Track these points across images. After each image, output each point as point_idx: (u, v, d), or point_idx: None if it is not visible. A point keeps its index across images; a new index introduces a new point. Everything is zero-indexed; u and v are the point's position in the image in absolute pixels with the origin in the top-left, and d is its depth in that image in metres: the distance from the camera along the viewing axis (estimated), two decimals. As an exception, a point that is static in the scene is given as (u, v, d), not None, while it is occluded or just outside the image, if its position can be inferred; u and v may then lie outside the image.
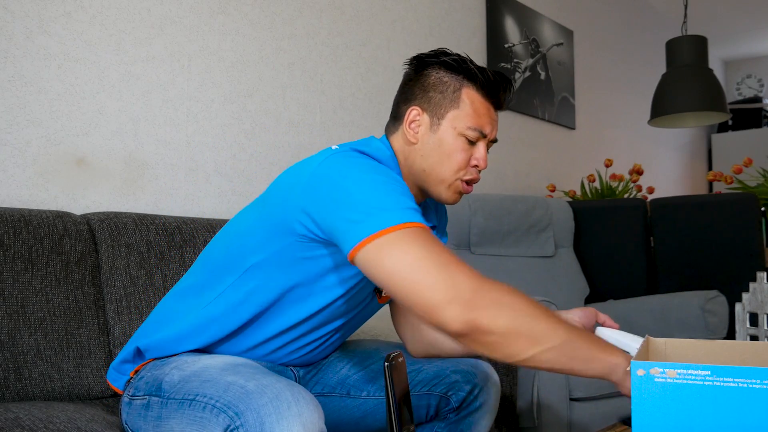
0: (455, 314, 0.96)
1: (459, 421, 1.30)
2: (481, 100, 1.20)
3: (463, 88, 1.20)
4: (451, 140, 1.19)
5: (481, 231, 2.62)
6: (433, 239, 1.01)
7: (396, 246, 0.99)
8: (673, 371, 0.83)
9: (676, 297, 2.61)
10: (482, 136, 1.20)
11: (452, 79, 1.20)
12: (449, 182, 1.21)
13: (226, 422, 0.95)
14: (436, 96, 1.20)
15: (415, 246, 0.99)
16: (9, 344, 1.36)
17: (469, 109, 1.19)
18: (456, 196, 1.23)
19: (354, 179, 1.05)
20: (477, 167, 1.22)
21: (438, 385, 1.28)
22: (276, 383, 0.96)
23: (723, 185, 3.52)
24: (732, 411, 0.81)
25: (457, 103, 1.19)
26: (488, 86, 1.20)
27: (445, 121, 1.20)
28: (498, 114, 1.24)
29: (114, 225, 1.59)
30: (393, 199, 1.03)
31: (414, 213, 1.03)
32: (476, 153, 1.21)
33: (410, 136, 1.22)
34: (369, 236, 1.00)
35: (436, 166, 1.20)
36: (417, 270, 0.98)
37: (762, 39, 5.70)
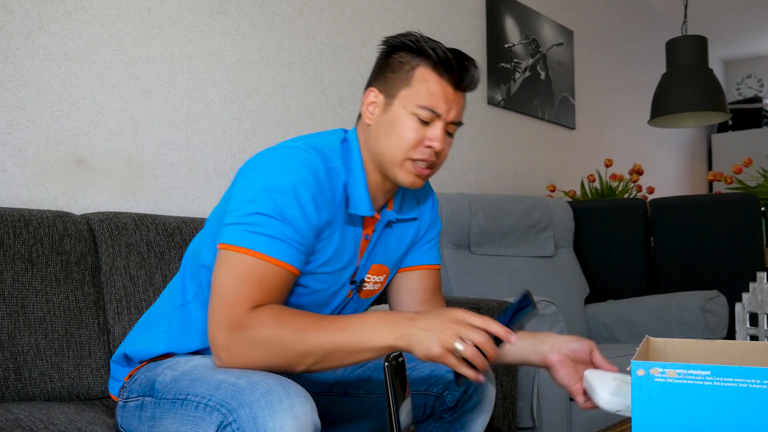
0: (225, 343, 1.04)
1: (454, 420, 1.29)
2: (436, 79, 1.16)
3: (418, 67, 1.16)
4: (402, 119, 1.16)
5: (481, 231, 2.62)
6: (251, 270, 1.06)
7: (221, 261, 1.08)
8: (673, 371, 0.83)
9: (676, 297, 2.61)
10: (436, 116, 1.16)
11: (410, 59, 1.17)
12: (400, 162, 1.17)
13: (219, 419, 0.95)
14: (392, 76, 1.19)
15: (227, 269, 1.07)
16: (9, 344, 1.36)
17: (420, 88, 1.16)
18: (412, 177, 1.18)
19: (246, 187, 1.11)
20: (431, 148, 1.17)
21: (434, 385, 1.28)
22: (267, 379, 0.97)
23: (723, 185, 3.52)
24: (732, 411, 0.81)
25: (409, 81, 1.16)
26: (443, 65, 1.15)
27: (397, 100, 1.17)
28: (463, 95, 1.20)
29: (114, 225, 1.59)
30: (255, 220, 1.07)
31: (261, 240, 1.06)
32: (429, 133, 1.16)
33: (366, 118, 1.21)
34: (221, 242, 1.10)
35: (387, 145, 1.18)
36: (215, 290, 1.07)
37: (762, 39, 5.70)
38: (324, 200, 1.13)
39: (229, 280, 1.06)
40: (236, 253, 1.07)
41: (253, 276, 1.05)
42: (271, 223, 1.07)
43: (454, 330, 1.00)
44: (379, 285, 1.31)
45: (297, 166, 1.11)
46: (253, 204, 1.08)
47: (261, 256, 1.06)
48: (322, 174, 1.13)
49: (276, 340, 1.02)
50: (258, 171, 1.12)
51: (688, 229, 2.86)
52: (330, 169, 1.16)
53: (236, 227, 1.08)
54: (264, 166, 1.12)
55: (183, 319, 1.23)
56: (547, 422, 2.05)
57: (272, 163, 1.12)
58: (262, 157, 1.14)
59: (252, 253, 1.06)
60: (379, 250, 1.28)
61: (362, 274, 1.26)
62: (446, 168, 2.90)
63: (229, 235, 1.08)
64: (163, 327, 1.25)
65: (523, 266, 2.73)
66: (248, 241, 1.06)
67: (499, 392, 1.93)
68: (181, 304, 1.24)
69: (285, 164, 1.11)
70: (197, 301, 1.22)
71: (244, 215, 1.08)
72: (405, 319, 1.04)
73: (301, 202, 1.09)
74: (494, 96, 3.15)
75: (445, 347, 1.00)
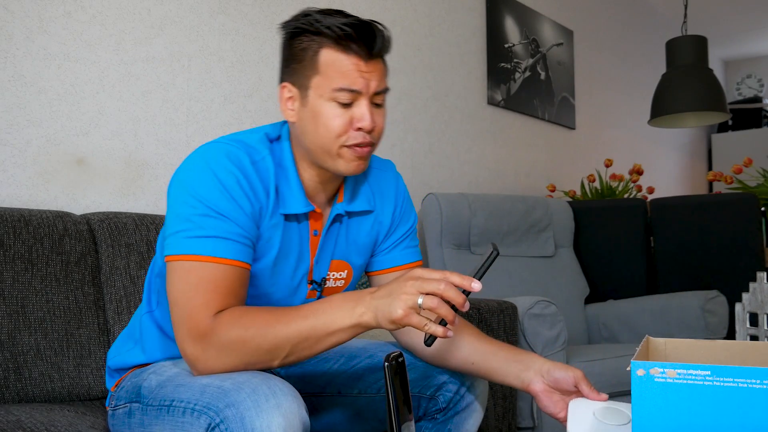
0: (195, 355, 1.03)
1: (446, 421, 1.28)
2: (343, 56, 1.08)
3: (321, 49, 1.09)
4: (322, 108, 1.09)
5: (481, 231, 2.62)
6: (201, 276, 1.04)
7: (170, 274, 1.07)
8: (673, 371, 0.83)
9: (676, 297, 2.61)
10: (357, 94, 1.09)
11: (310, 43, 1.10)
12: (335, 152, 1.11)
13: (206, 422, 0.95)
14: (298, 66, 1.11)
15: (179, 280, 1.05)
16: (9, 344, 1.36)
17: (330, 71, 1.08)
18: (352, 164, 1.12)
19: (176, 195, 1.09)
20: (362, 129, 1.10)
21: (426, 387, 1.27)
22: (252, 378, 0.97)
23: (723, 185, 3.52)
24: (732, 411, 0.81)
25: (317, 67, 1.09)
26: (345, 39, 1.07)
27: (311, 90, 1.10)
28: (378, 61, 1.11)
29: (114, 225, 1.59)
30: (192, 224, 1.05)
31: (202, 243, 1.04)
32: (356, 113, 1.10)
33: (288, 116, 1.15)
34: (165, 255, 1.08)
35: (316, 139, 1.11)
36: (173, 304, 1.06)
37: (762, 39, 5.70)
38: (254, 191, 1.10)
39: (182, 291, 1.04)
40: (182, 262, 1.05)
41: (204, 281, 1.04)
42: (208, 223, 1.05)
43: (412, 286, 0.97)
44: (342, 281, 1.27)
45: (219, 159, 1.08)
46: (184, 208, 1.06)
47: (207, 258, 1.04)
48: (247, 165, 1.09)
49: (243, 341, 1.01)
50: (182, 176, 1.09)
51: (688, 229, 2.86)
52: (256, 162, 1.11)
53: (176, 236, 1.06)
54: (186, 169, 1.10)
55: (151, 326, 1.23)
56: (547, 422, 2.05)
57: (193, 163, 1.09)
58: (185, 161, 1.11)
59: (197, 258, 1.04)
60: (335, 245, 1.23)
61: (322, 272, 1.23)
62: (446, 168, 2.90)
63: (171, 246, 1.06)
64: (137, 336, 1.26)
65: (523, 266, 2.73)
66: (190, 247, 1.04)
67: (499, 392, 1.93)
68: (147, 311, 1.25)
69: (206, 161, 1.08)
70: (160, 308, 1.22)
71: (180, 222, 1.06)
72: (366, 294, 1.02)
73: (232, 194, 1.07)
74: (494, 96, 3.15)
75: (408, 306, 0.97)
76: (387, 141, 2.61)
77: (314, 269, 1.21)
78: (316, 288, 1.23)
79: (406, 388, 1.01)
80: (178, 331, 1.05)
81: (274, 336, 1.01)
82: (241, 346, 1.01)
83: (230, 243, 1.06)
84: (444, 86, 2.90)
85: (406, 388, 1.01)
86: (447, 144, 2.91)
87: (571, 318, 2.70)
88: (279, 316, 1.03)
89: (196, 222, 1.05)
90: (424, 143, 2.79)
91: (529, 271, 2.72)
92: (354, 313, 1.01)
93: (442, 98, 2.89)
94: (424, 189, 2.76)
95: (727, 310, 2.50)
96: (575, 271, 2.87)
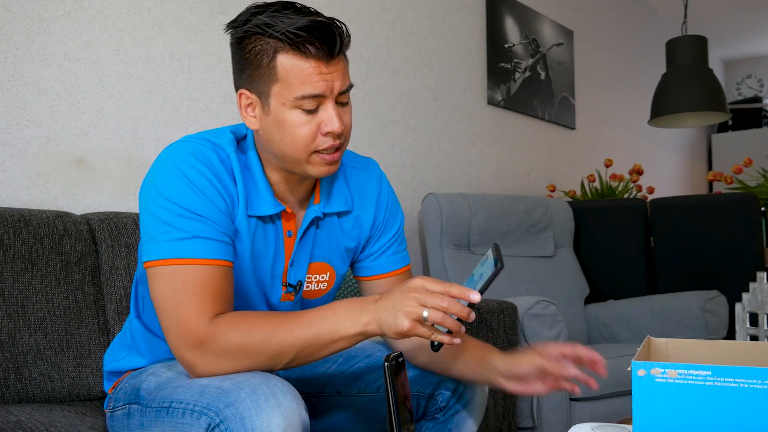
0: (193, 361, 1.01)
1: (447, 420, 1.28)
2: (301, 62, 1.02)
3: (276, 55, 1.02)
4: (287, 117, 1.05)
5: (481, 231, 2.62)
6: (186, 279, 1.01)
7: (153, 281, 1.04)
8: (673, 371, 0.83)
9: (676, 297, 2.61)
10: (321, 98, 1.04)
11: (264, 47, 1.03)
12: (304, 160, 1.08)
13: (206, 422, 0.95)
14: (255, 73, 1.05)
15: (163, 286, 1.02)
16: (9, 344, 1.36)
17: (290, 78, 1.02)
18: (324, 168, 1.09)
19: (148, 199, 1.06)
20: (330, 134, 1.06)
21: (425, 386, 1.26)
22: (251, 378, 0.97)
23: (723, 185, 3.52)
24: (732, 411, 0.81)
25: (275, 75, 1.03)
26: (301, 43, 1.01)
27: (272, 98, 1.05)
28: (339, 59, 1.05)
29: (114, 225, 1.59)
30: (168, 227, 1.03)
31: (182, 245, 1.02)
32: (323, 118, 1.05)
33: (250, 124, 1.09)
34: (144, 261, 1.05)
35: (284, 147, 1.07)
36: (161, 311, 1.04)
37: (762, 39, 5.70)
38: (224, 187, 1.07)
39: (169, 297, 1.02)
40: (164, 267, 1.02)
41: (190, 284, 1.02)
42: (184, 224, 1.03)
43: (415, 299, 0.97)
44: (325, 284, 1.25)
45: (186, 159, 1.05)
46: (159, 212, 1.04)
47: (189, 261, 1.02)
48: (215, 163, 1.07)
49: (244, 347, 1.00)
50: (151, 179, 1.07)
51: (688, 229, 2.86)
52: (224, 160, 1.09)
53: (153, 242, 1.04)
54: (155, 173, 1.07)
55: (142, 330, 1.23)
56: (547, 422, 2.05)
57: (161, 166, 1.07)
58: (153, 164, 1.09)
59: (179, 261, 1.02)
60: (312, 247, 1.21)
61: (299, 275, 1.20)
62: (446, 168, 2.90)
63: (150, 252, 1.04)
64: (129, 342, 1.25)
65: (523, 266, 2.73)
66: (170, 251, 1.02)
67: (499, 392, 1.93)
68: (135, 316, 1.24)
69: (173, 162, 1.06)
70: (147, 312, 1.22)
71: (156, 226, 1.04)
72: (371, 303, 1.01)
73: (204, 192, 1.05)
74: (494, 96, 3.15)
75: (412, 319, 0.97)
76: (387, 141, 2.61)
77: (289, 271, 1.19)
78: (291, 291, 1.21)
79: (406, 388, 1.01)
80: (171, 338, 1.03)
81: (277, 343, 1.01)
82: (243, 351, 1.01)
83: (210, 242, 1.04)
84: (444, 86, 2.90)
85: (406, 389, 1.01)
86: (447, 144, 2.91)
87: (571, 318, 2.70)
88: (282, 323, 1.02)
89: (172, 224, 1.03)
90: (424, 143, 2.79)
91: (529, 271, 2.72)
92: (359, 321, 1.01)
93: (442, 98, 2.89)
94: (424, 189, 2.76)
95: (727, 310, 2.50)
96: (575, 271, 2.87)
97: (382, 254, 1.29)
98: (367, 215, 1.26)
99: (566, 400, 2.09)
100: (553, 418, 2.05)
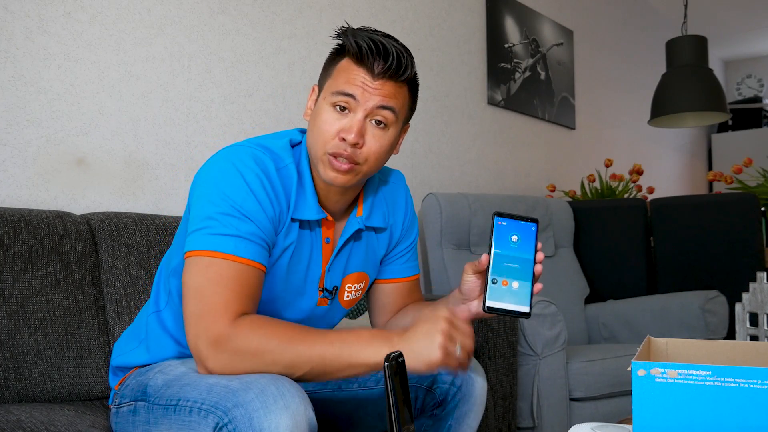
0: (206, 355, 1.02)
1: (446, 416, 1.28)
2: (352, 66, 1.11)
3: (342, 59, 1.14)
4: (322, 110, 1.13)
5: (481, 231, 2.62)
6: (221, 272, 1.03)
7: (188, 269, 1.06)
8: (673, 371, 0.83)
9: (676, 297, 2.61)
10: (352, 99, 1.10)
11: (339, 50, 1.15)
12: (320, 157, 1.12)
13: (214, 422, 0.95)
14: (325, 69, 1.17)
15: (197, 275, 1.04)
16: (9, 344, 1.36)
17: (339, 77, 1.12)
18: (331, 173, 1.12)
19: (201, 192, 1.10)
20: (345, 141, 1.10)
21: (423, 378, 1.27)
22: (260, 378, 0.97)
23: (723, 185, 3.52)
24: (732, 411, 0.81)
25: (332, 72, 1.14)
26: (360, 53, 1.10)
27: (323, 92, 1.15)
28: (389, 83, 1.11)
29: (114, 225, 1.59)
30: (215, 222, 1.06)
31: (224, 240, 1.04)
32: (346, 123, 1.11)
33: (305, 114, 1.19)
34: (186, 251, 1.08)
35: (311, 140, 1.14)
36: (188, 298, 1.05)
37: (762, 39, 5.70)
38: (277, 197, 1.11)
39: (200, 285, 1.04)
40: (203, 257, 1.05)
41: (223, 278, 1.03)
42: (232, 222, 1.06)
43: (446, 334, 1.01)
44: (360, 292, 1.29)
45: (245, 161, 1.09)
46: (209, 206, 1.07)
47: (227, 256, 1.04)
48: (272, 172, 1.11)
49: (261, 353, 1.01)
50: (209, 173, 1.10)
51: (688, 229, 2.86)
52: (280, 169, 1.13)
53: (198, 233, 1.06)
54: (214, 168, 1.10)
55: (157, 327, 1.23)
56: (547, 422, 2.05)
57: (222, 163, 1.10)
58: (211, 160, 1.13)
59: (218, 254, 1.04)
60: (351, 257, 1.25)
61: (335, 280, 1.23)
62: (446, 168, 2.90)
63: (193, 242, 1.06)
64: (142, 336, 1.26)
65: (523, 266, 2.72)
66: (212, 244, 1.05)
67: (499, 392, 1.93)
68: (155, 311, 1.25)
69: (233, 162, 1.09)
70: (169, 309, 1.22)
71: (203, 219, 1.07)
72: (395, 336, 1.03)
73: (256, 196, 1.08)
74: (494, 96, 3.15)
75: (445, 351, 1.00)
76: (387, 141, 2.61)
77: (326, 277, 1.21)
78: (327, 296, 1.23)
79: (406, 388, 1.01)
80: (192, 326, 1.04)
81: (295, 354, 1.01)
82: (259, 356, 1.01)
83: (251, 244, 1.06)
84: (444, 86, 2.90)
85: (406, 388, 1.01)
86: (447, 144, 2.91)
87: (571, 318, 2.70)
88: (304, 336, 1.03)
89: (219, 220, 1.06)
90: (424, 143, 2.79)
91: (529, 271, 2.72)
92: (381, 352, 1.01)
93: (442, 98, 2.89)
94: (424, 189, 2.76)
95: (727, 310, 2.50)
96: (575, 271, 2.87)
97: (397, 260, 1.33)
98: (397, 225, 1.32)
99: (566, 400, 2.09)
100: (553, 418, 2.05)
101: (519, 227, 1.09)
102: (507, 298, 1.08)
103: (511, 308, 1.07)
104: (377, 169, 1.17)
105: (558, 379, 2.06)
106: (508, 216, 1.09)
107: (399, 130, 1.18)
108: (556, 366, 2.05)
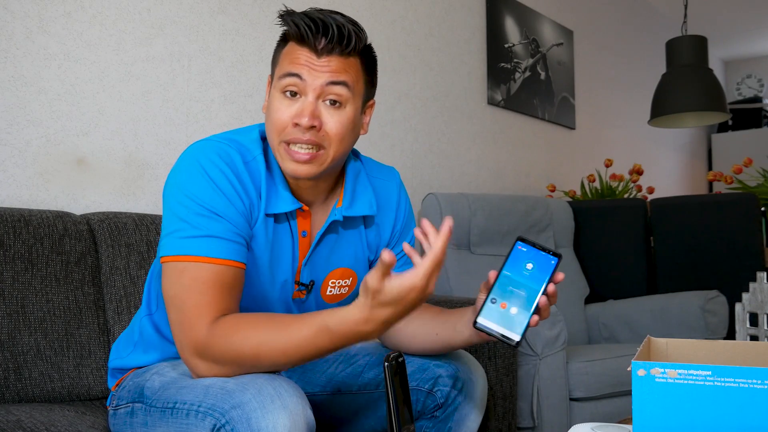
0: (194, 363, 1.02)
1: (446, 418, 1.28)
2: (295, 48, 1.07)
3: (287, 44, 1.10)
4: (273, 99, 1.09)
5: (481, 231, 2.62)
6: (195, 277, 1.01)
7: (165, 276, 1.05)
8: (674, 371, 0.83)
9: (676, 297, 2.60)
10: (299, 79, 1.06)
11: (283, 36, 1.12)
12: (276, 147, 1.09)
13: (212, 423, 0.95)
14: (272, 62, 1.14)
15: (172, 282, 1.03)
16: (9, 344, 1.36)
17: (284, 60, 1.09)
18: (290, 164, 1.08)
19: (169, 193, 1.08)
20: (299, 125, 1.05)
21: (424, 381, 1.26)
22: (256, 379, 0.97)
23: (723, 185, 3.52)
24: (732, 411, 0.81)
25: (279, 59, 1.11)
26: (302, 33, 1.06)
27: (273, 81, 1.11)
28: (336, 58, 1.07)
29: (114, 225, 1.59)
30: (185, 224, 1.04)
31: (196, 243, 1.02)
32: (297, 108, 1.06)
33: (264, 108, 1.15)
34: (161, 256, 1.06)
35: (267, 131, 1.11)
36: (169, 306, 1.04)
37: (762, 39, 5.70)
38: (245, 191, 1.08)
39: (176, 293, 1.03)
40: (176, 263, 1.03)
41: (197, 282, 1.02)
42: (202, 222, 1.04)
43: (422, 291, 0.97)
44: (346, 288, 1.26)
45: (210, 158, 1.07)
46: (178, 207, 1.05)
47: (199, 259, 1.03)
48: (239, 165, 1.08)
49: (241, 357, 1.00)
50: (175, 174, 1.09)
51: (688, 229, 2.86)
52: (248, 162, 1.10)
53: (170, 237, 1.05)
54: (180, 168, 1.09)
55: (151, 329, 1.23)
56: (547, 422, 2.05)
57: (187, 162, 1.08)
58: (179, 159, 1.10)
59: (190, 258, 1.03)
60: (337, 251, 1.21)
61: (314, 275, 1.20)
62: (446, 168, 2.90)
63: (166, 247, 1.05)
64: (137, 339, 1.25)
65: (523, 266, 2.72)
66: (183, 248, 1.03)
67: (499, 392, 1.93)
68: (147, 314, 1.24)
69: (197, 159, 1.07)
70: (161, 311, 1.22)
71: (174, 222, 1.05)
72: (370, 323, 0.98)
73: (224, 192, 1.06)
74: (494, 96, 3.15)
75: None
76: (387, 141, 2.61)
77: (303, 271, 1.19)
78: (303, 289, 1.21)
79: (406, 388, 1.01)
80: (176, 335, 1.04)
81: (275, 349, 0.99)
82: (239, 361, 1.00)
83: (224, 242, 1.04)
84: (444, 86, 2.90)
85: (406, 389, 1.01)
86: (447, 144, 2.91)
87: (571, 318, 2.70)
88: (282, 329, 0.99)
89: (189, 221, 1.04)
90: (424, 143, 2.79)
91: (529, 271, 2.72)
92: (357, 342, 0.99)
93: (442, 98, 2.89)
94: (424, 189, 2.76)
95: (727, 310, 2.50)
96: (575, 271, 2.87)
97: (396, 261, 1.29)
98: (387, 223, 1.27)
99: (566, 400, 2.09)
100: (553, 418, 2.05)
101: (538, 257, 1.05)
102: (500, 321, 1.03)
103: (501, 332, 1.02)
104: (345, 151, 1.12)
105: (558, 379, 2.06)
106: (531, 243, 1.05)
107: (359, 107, 1.12)
108: (556, 366, 2.05)
